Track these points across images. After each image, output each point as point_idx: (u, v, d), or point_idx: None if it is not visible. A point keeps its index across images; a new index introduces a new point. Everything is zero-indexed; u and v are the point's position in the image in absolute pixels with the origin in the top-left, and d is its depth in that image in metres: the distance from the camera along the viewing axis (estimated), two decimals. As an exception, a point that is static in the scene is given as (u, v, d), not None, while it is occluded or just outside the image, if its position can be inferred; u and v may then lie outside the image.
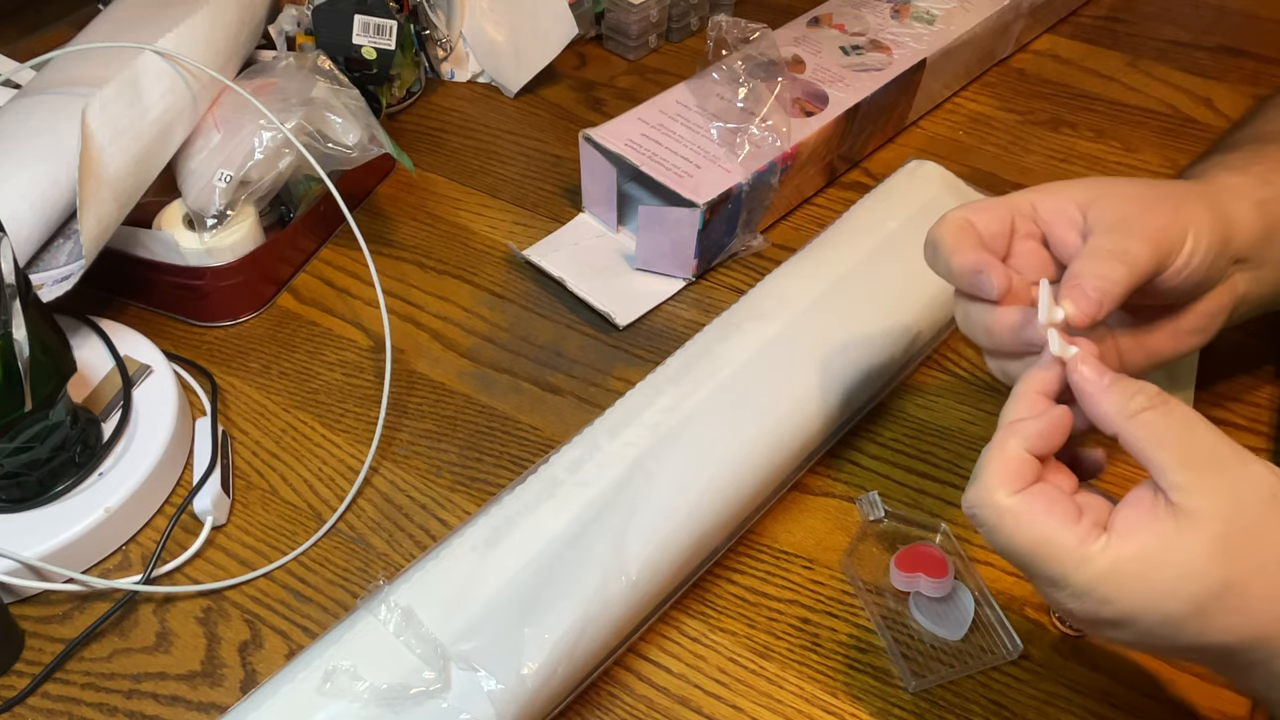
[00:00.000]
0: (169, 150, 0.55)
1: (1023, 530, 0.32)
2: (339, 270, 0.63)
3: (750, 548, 0.47)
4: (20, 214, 0.50)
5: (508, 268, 0.62)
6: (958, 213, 0.39)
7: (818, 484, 0.50)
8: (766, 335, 0.48)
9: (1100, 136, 0.71)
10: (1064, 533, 0.31)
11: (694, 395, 0.45)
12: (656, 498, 0.42)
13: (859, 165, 0.70)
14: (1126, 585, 0.31)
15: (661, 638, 0.44)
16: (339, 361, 0.57)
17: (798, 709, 0.42)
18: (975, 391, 0.54)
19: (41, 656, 0.44)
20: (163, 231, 0.56)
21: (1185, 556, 0.30)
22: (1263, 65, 0.78)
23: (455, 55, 0.78)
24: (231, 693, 0.43)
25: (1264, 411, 0.53)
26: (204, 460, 0.50)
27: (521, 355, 0.57)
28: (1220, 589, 0.30)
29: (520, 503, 0.42)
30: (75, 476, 0.47)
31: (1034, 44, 0.81)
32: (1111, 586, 0.31)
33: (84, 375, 0.51)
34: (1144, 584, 0.30)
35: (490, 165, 0.71)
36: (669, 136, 0.60)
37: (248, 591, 0.46)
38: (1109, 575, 0.31)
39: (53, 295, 0.49)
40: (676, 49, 0.82)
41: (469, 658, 0.37)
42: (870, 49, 0.67)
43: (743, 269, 0.62)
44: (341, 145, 0.57)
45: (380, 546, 0.48)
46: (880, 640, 0.44)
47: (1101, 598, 0.31)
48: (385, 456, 0.52)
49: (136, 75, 0.52)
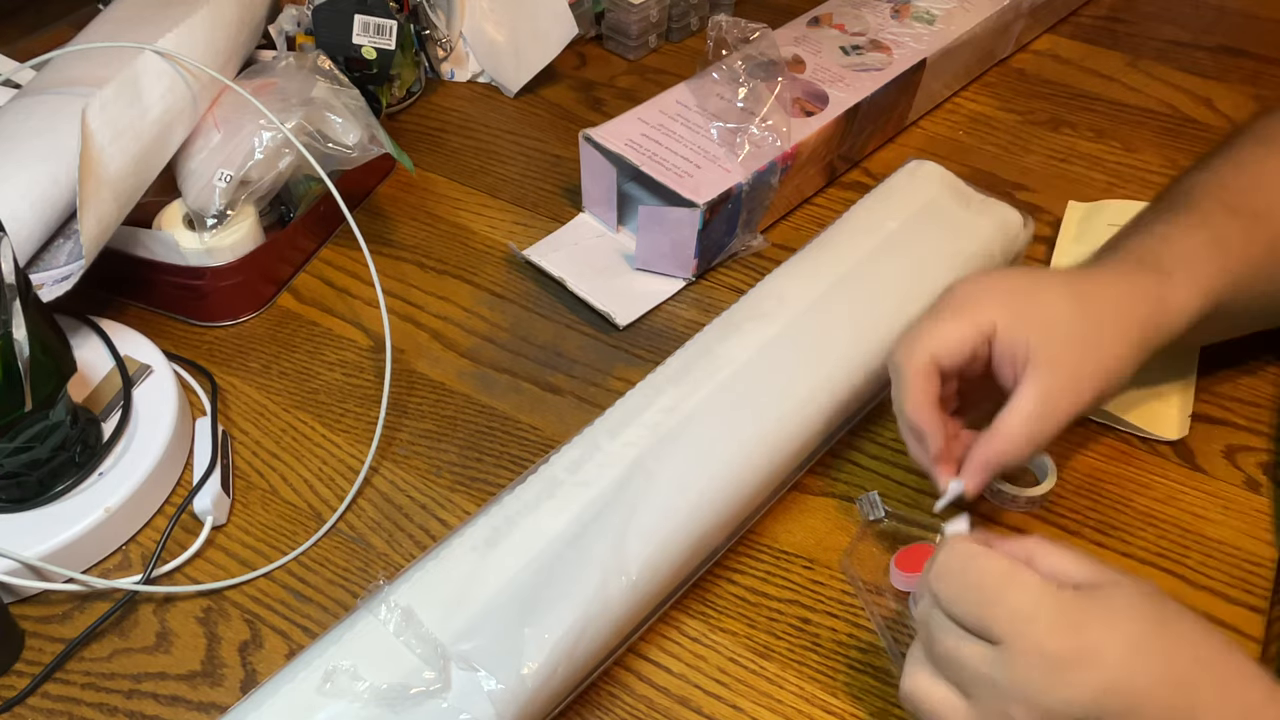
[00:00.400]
0: (169, 150, 0.55)
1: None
2: (339, 270, 0.63)
3: (750, 548, 0.47)
4: (20, 214, 0.50)
5: (508, 268, 0.62)
6: (924, 352, 0.42)
7: (818, 484, 0.50)
8: (766, 335, 0.48)
9: (1100, 136, 0.71)
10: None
11: (694, 395, 0.45)
12: (656, 498, 0.42)
13: (859, 165, 0.70)
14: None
15: (661, 638, 0.44)
16: (339, 361, 0.57)
17: (798, 709, 0.42)
18: (975, 391, 0.54)
19: (41, 656, 0.44)
20: (163, 231, 0.56)
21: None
22: (1263, 65, 0.78)
23: (455, 55, 0.78)
24: (231, 693, 0.43)
25: (1264, 411, 0.53)
26: (204, 460, 0.50)
27: (521, 355, 0.57)
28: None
29: (520, 503, 0.42)
30: (75, 476, 0.47)
31: (1034, 44, 0.81)
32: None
33: (84, 375, 0.51)
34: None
35: (490, 165, 0.71)
36: (669, 136, 0.60)
37: (248, 591, 0.46)
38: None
39: (53, 295, 0.49)
40: (676, 49, 0.82)
41: (469, 658, 0.37)
42: (870, 49, 0.67)
43: (743, 269, 0.62)
44: (341, 145, 0.57)
45: (380, 546, 0.48)
46: (880, 640, 0.44)
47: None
48: (385, 456, 0.52)
49: (136, 75, 0.52)
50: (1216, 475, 0.50)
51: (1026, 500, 0.48)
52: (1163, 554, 0.47)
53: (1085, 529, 0.48)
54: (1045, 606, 0.32)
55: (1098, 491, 0.49)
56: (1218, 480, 0.50)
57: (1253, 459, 0.50)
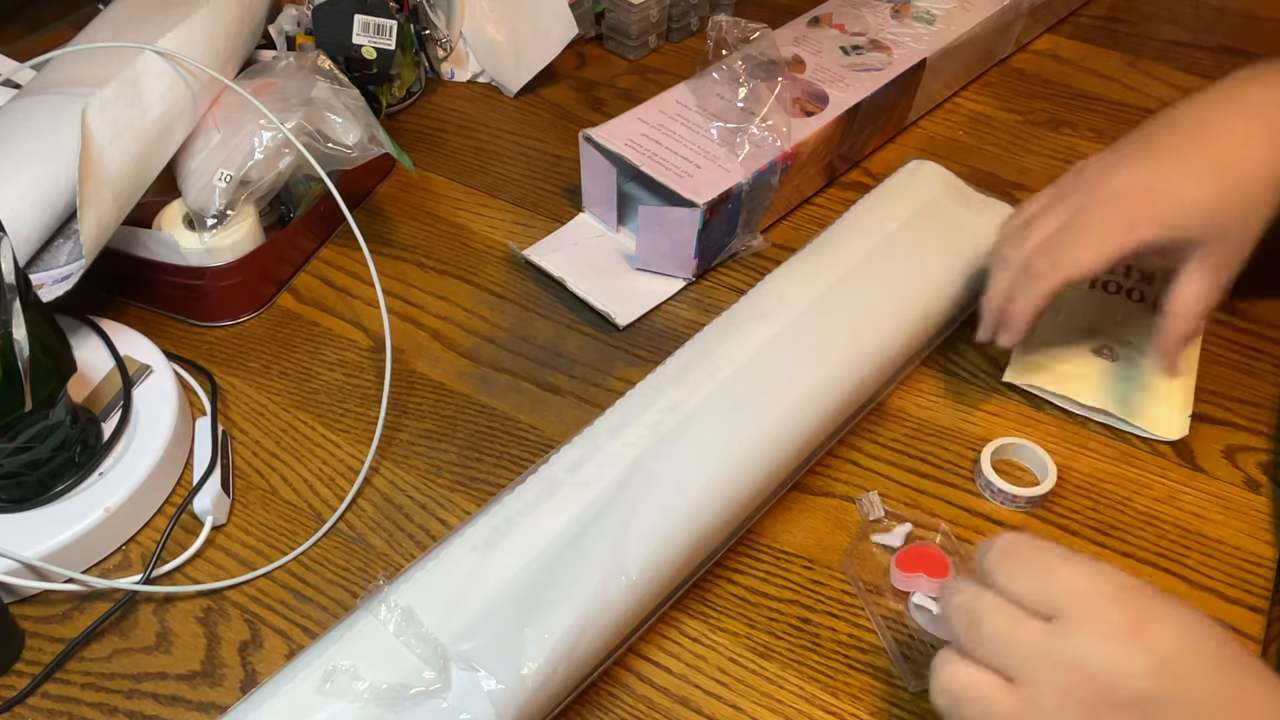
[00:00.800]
0: (169, 150, 0.55)
1: None
2: (339, 270, 0.63)
3: (750, 548, 0.47)
4: (20, 214, 0.50)
5: (508, 268, 0.62)
6: (1062, 279, 0.46)
7: (818, 484, 0.50)
8: (766, 335, 0.48)
9: (1100, 136, 0.71)
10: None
11: (694, 395, 0.45)
12: (656, 498, 0.42)
13: (859, 165, 0.70)
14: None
15: (661, 638, 0.44)
16: (339, 361, 0.57)
17: (798, 709, 0.42)
18: (975, 391, 0.54)
19: (41, 656, 0.44)
20: (163, 231, 0.56)
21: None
22: (1263, 65, 0.78)
23: (455, 55, 0.78)
24: (231, 693, 0.43)
25: (1264, 411, 0.53)
26: (204, 460, 0.50)
27: (521, 355, 0.57)
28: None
29: (520, 503, 0.42)
30: (75, 476, 0.47)
31: (1034, 44, 0.81)
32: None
33: (84, 375, 0.51)
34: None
35: (490, 165, 0.71)
36: (669, 136, 0.60)
37: (248, 591, 0.46)
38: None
39: (53, 295, 0.49)
40: (676, 49, 0.82)
41: (469, 658, 0.37)
42: (870, 49, 0.67)
43: (743, 269, 0.62)
44: (341, 145, 0.57)
45: (380, 546, 0.48)
46: (880, 640, 0.44)
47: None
48: (385, 456, 0.52)
49: (136, 75, 0.52)
50: (1216, 475, 0.50)
51: (1026, 500, 0.48)
52: (1163, 554, 0.47)
53: (1085, 529, 0.48)
54: (1106, 581, 0.33)
55: (1098, 491, 0.49)
56: (1218, 480, 0.50)
57: (1253, 459, 0.50)
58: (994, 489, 0.48)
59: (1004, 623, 0.33)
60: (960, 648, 0.34)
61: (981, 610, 0.34)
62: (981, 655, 0.34)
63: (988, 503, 0.49)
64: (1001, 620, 0.33)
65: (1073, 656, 0.31)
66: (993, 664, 0.33)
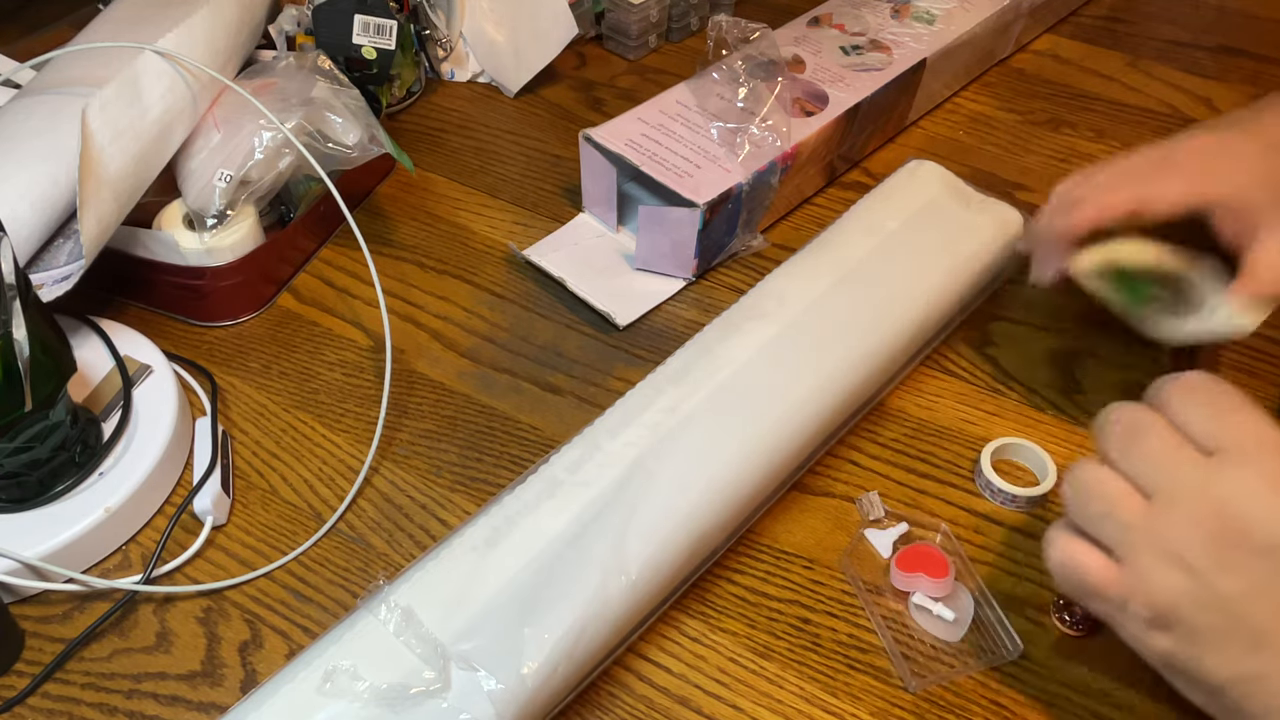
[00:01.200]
0: (169, 150, 0.55)
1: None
2: (339, 270, 0.63)
3: (750, 548, 0.47)
4: (20, 214, 0.50)
5: (508, 268, 0.63)
6: (1126, 206, 0.48)
7: (818, 484, 0.50)
8: (766, 335, 0.48)
9: (1100, 136, 0.71)
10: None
11: (694, 395, 0.45)
12: (656, 498, 0.42)
13: (859, 165, 0.70)
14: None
15: (661, 638, 0.44)
16: (339, 361, 0.57)
17: (798, 709, 0.42)
18: (975, 391, 0.54)
19: (41, 656, 0.44)
20: (163, 231, 0.56)
21: None
22: (1263, 65, 0.78)
23: (455, 55, 0.78)
24: (231, 693, 0.43)
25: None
26: (204, 460, 0.50)
27: (521, 355, 0.57)
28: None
29: (520, 503, 0.42)
30: (75, 476, 0.47)
31: (1034, 44, 0.81)
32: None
33: (84, 375, 0.51)
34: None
35: (490, 165, 0.71)
36: (669, 136, 0.60)
37: (248, 591, 0.46)
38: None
39: (53, 295, 0.49)
40: (676, 49, 0.82)
41: (469, 658, 0.37)
42: (870, 49, 0.67)
43: (743, 269, 0.62)
44: (341, 145, 0.58)
45: (380, 546, 0.48)
46: (880, 640, 0.44)
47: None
48: (385, 456, 0.52)
49: (136, 75, 0.52)
50: (1216, 475, 0.50)
51: (1027, 500, 0.48)
52: (1163, 554, 0.47)
53: (1085, 529, 0.48)
54: (1275, 432, 0.33)
55: (1098, 491, 0.49)
56: (1218, 480, 0.49)
57: (1253, 459, 0.50)
58: (994, 489, 0.48)
59: (1166, 440, 0.34)
60: (1106, 456, 0.35)
61: (1147, 426, 0.34)
62: (1127, 466, 0.34)
63: (988, 503, 0.49)
64: (1164, 437, 0.34)
65: (1222, 490, 0.32)
66: (1136, 475, 0.34)
